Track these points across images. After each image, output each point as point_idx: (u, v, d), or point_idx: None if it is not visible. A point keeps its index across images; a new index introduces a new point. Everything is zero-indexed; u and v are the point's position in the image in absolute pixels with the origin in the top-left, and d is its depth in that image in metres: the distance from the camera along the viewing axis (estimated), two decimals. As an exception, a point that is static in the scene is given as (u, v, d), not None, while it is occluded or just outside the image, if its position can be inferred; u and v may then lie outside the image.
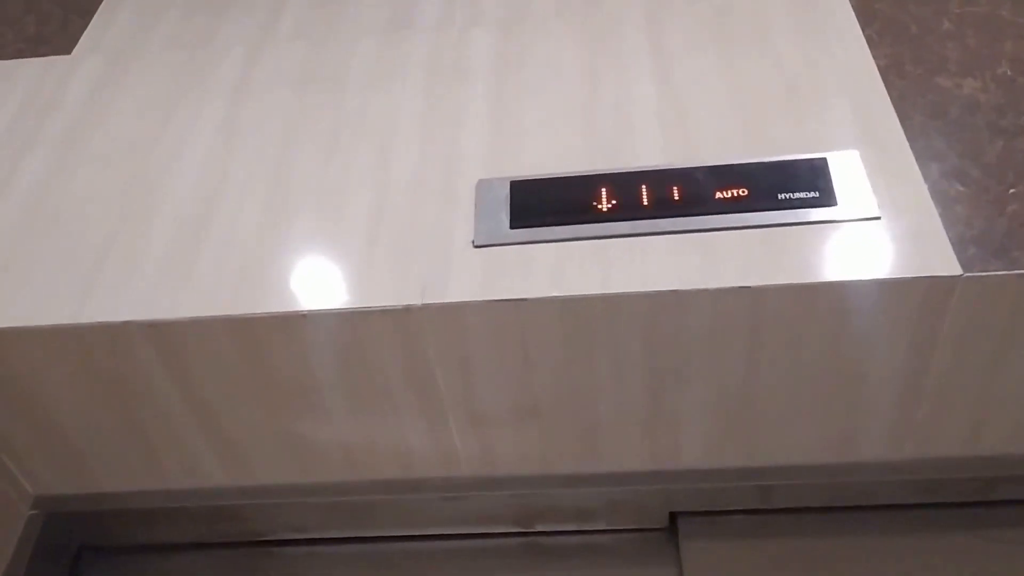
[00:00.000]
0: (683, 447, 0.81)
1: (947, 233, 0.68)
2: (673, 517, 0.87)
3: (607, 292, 0.68)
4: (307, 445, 0.82)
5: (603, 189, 0.75)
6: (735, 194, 0.73)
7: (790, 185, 0.73)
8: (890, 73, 0.81)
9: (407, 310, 0.70)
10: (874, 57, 0.83)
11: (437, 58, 0.89)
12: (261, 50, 0.93)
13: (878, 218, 0.70)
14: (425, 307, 0.70)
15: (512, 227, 0.74)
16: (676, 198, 0.73)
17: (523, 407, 0.78)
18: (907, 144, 0.75)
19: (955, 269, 0.66)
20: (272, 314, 0.71)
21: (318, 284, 0.72)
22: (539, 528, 0.89)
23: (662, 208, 0.73)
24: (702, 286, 0.67)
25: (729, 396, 0.76)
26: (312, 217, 0.77)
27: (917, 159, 0.73)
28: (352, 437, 0.81)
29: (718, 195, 0.73)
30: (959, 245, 0.67)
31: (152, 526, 0.91)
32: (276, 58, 0.92)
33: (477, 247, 0.73)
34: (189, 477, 0.85)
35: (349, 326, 0.71)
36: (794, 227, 0.70)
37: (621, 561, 0.87)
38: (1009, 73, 0.80)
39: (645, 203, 0.73)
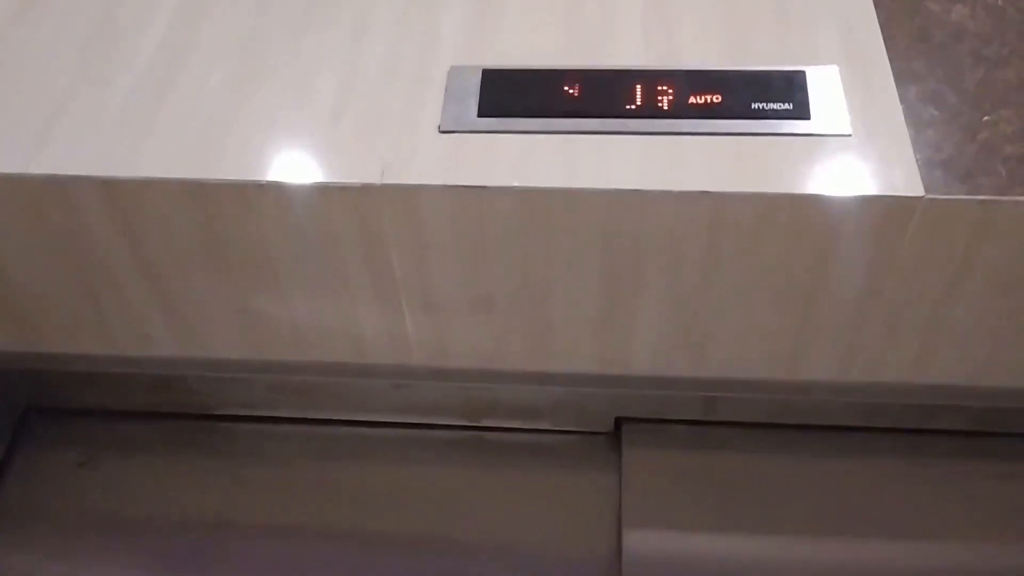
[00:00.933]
0: (633, 353, 0.81)
1: (915, 155, 0.67)
2: (619, 423, 0.88)
3: (569, 186, 0.68)
4: (259, 321, 0.82)
5: (576, 84, 0.73)
6: (708, 100, 0.72)
7: (765, 95, 0.71)
8: (881, -8, 0.80)
9: (365, 189, 0.69)
10: (867, -24, 0.81)
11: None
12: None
13: (849, 135, 0.69)
14: (384, 187, 0.69)
15: (480, 115, 0.72)
16: (648, 100, 0.72)
17: (478, 298, 0.77)
18: (888, 64, 0.73)
19: (918, 190, 0.65)
20: (229, 181, 0.69)
21: (279, 156, 0.70)
22: (486, 423, 0.90)
23: (633, 109, 0.72)
24: (665, 188, 0.67)
25: (682, 304, 0.76)
26: (279, 89, 0.75)
27: (896, 80, 0.72)
28: (305, 316, 0.81)
29: (691, 100, 0.72)
30: (926, 168, 0.67)
31: (99, 391, 0.91)
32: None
33: (442, 132, 0.72)
34: (139, 343, 0.85)
35: (306, 201, 0.70)
36: (764, 137, 0.69)
37: (564, 462, 0.89)
38: (1000, 3, 0.78)
39: (617, 102, 0.72)
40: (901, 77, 0.73)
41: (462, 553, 0.84)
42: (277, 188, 0.69)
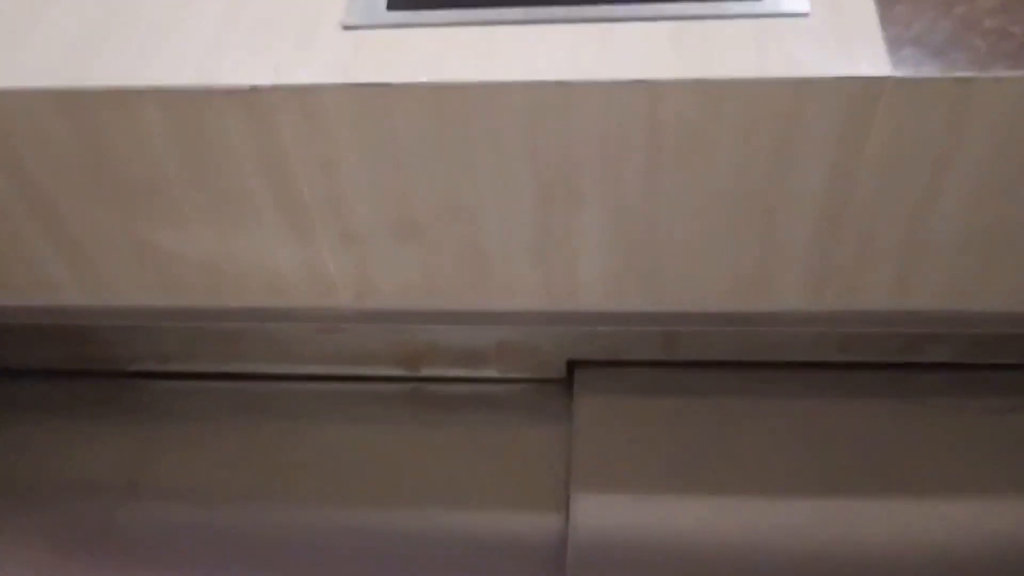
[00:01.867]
0: (580, 284, 0.73)
1: (882, 33, 0.59)
2: (571, 368, 0.79)
3: (484, 80, 0.59)
4: (166, 260, 0.73)
5: (497, -27, 0.65)
6: (646, -17, 0.64)
7: (710, -25, 0.63)
8: None
9: (255, 91, 0.61)
10: None
11: None
12: None
13: (806, 15, 0.61)
14: (277, 88, 0.61)
15: (390, 8, 0.64)
16: (579, -16, 0.64)
17: (400, 223, 0.69)
18: (851, -59, 0.65)
19: (884, 70, 0.57)
20: (104, 87, 0.61)
21: (160, 61, 0.62)
22: (425, 373, 0.82)
23: (561, -5, 0.64)
24: (595, 78, 0.59)
25: (628, 222, 0.67)
26: (165, -8, 0.68)
27: (860, -43, 0.64)
28: (214, 252, 0.72)
29: (627, -16, 0.64)
30: (893, 45, 0.58)
31: (1, 347, 0.83)
32: None
33: (346, 29, 0.64)
34: (40, 291, 0.77)
35: (193, 109, 0.62)
36: (708, 20, 0.61)
37: (512, 413, 0.80)
38: None
39: (543, -12, 0.64)
40: (866, -46, 0.64)
41: (401, 517, 0.76)
42: (158, 94, 0.61)
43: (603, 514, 0.72)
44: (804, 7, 0.61)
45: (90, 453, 0.80)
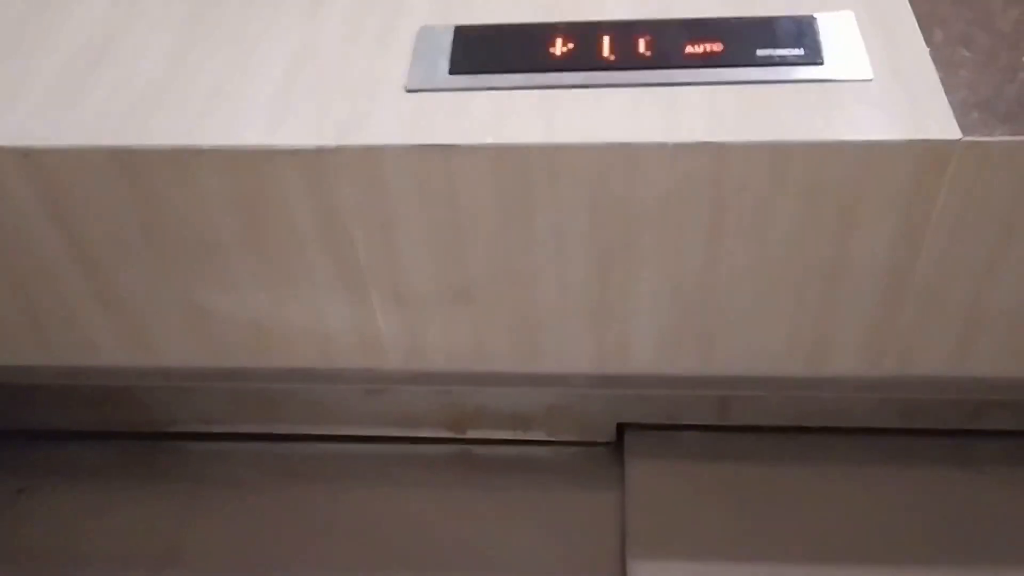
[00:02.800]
0: (633, 347, 0.71)
1: (948, 97, 0.59)
2: (621, 431, 0.78)
3: (548, 142, 0.59)
4: (212, 320, 0.73)
5: (558, 37, 0.65)
6: (708, 49, 0.63)
7: (771, 41, 0.63)
8: (897, -60, 0.72)
9: (319, 152, 0.60)
10: (878, -76, 0.73)
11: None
12: None
13: (870, 80, 0.60)
14: (339, 150, 0.60)
15: (452, 72, 0.65)
16: (639, 50, 0.64)
17: (454, 286, 0.68)
18: (909, 8, 0.65)
19: (953, 133, 0.57)
20: (162, 147, 0.61)
21: (221, 122, 0.62)
22: (472, 435, 0.80)
23: (622, 60, 0.63)
24: (658, 140, 0.58)
25: (686, 286, 0.66)
26: (226, 56, 0.67)
27: (920, 23, 0.64)
28: (263, 312, 0.72)
29: (688, 49, 0.63)
30: (961, 109, 0.58)
31: (36, 408, 0.82)
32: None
33: (409, 91, 0.64)
34: (80, 351, 0.76)
35: (253, 169, 0.62)
36: (772, 85, 0.61)
37: (560, 478, 0.78)
38: (1032, -55, 0.71)
39: (603, 54, 0.64)
40: (925, 20, 0.64)
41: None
42: (218, 155, 0.61)
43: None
44: (868, 73, 0.61)
45: (126, 519, 0.78)
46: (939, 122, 0.57)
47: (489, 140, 0.59)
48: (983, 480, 0.72)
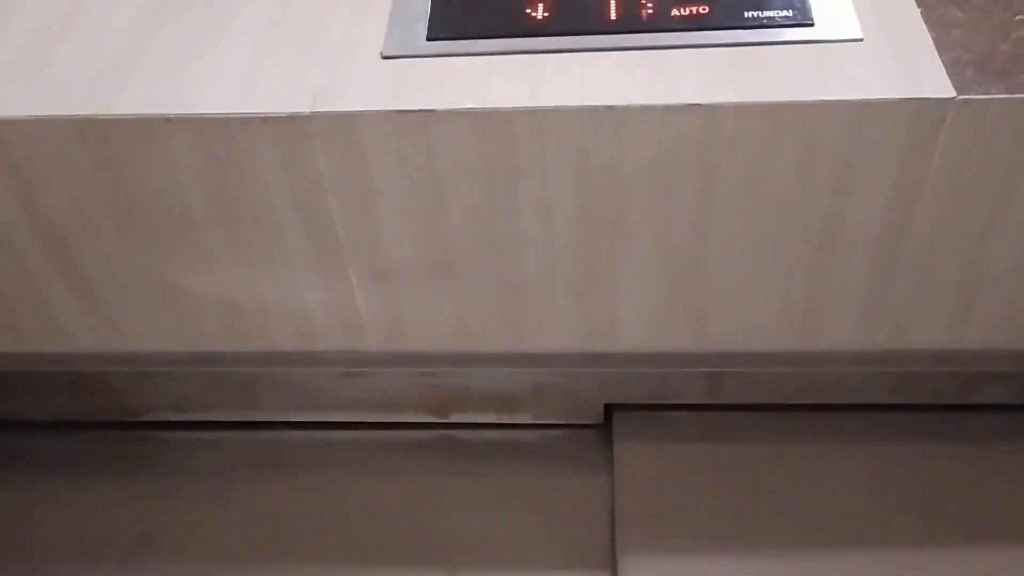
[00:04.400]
0: (622, 323, 0.69)
1: (941, 56, 0.57)
2: (609, 412, 0.76)
3: (531, 106, 0.57)
4: (185, 302, 0.70)
5: (539, 1, 0.63)
6: (694, 11, 0.61)
7: (759, 3, 0.61)
8: (885, -96, 0.71)
9: (292, 119, 0.58)
10: None
11: None
12: None
13: (861, 39, 0.59)
14: (314, 116, 0.58)
15: (430, 38, 0.62)
16: (624, 13, 0.62)
17: (436, 260, 0.66)
18: (900, -31, 0.64)
19: (948, 91, 0.55)
20: (130, 116, 0.59)
21: (190, 90, 0.60)
22: (456, 419, 0.78)
23: (606, 23, 0.61)
24: (645, 102, 0.57)
25: (677, 256, 0.64)
26: (197, 20, 0.65)
27: (910, -16, 0.63)
28: (239, 293, 0.69)
29: (674, 12, 0.62)
30: (954, 68, 0.56)
31: (5, 397, 0.79)
32: None
33: (386, 58, 0.62)
34: (51, 336, 0.73)
35: (225, 139, 0.59)
36: (761, 47, 0.59)
37: (548, 461, 0.76)
38: (1023, -93, 0.69)
39: (588, 18, 0.62)
40: (916, -19, 0.63)
41: (432, 574, 0.72)
42: (188, 123, 0.59)
43: (653, 571, 0.68)
44: (858, 33, 0.59)
45: (99, 509, 0.76)
46: (933, 81, 0.55)
47: (469, 105, 0.57)
48: (979, 454, 0.71)
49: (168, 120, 0.59)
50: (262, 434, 0.79)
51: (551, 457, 0.77)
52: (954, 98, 0.54)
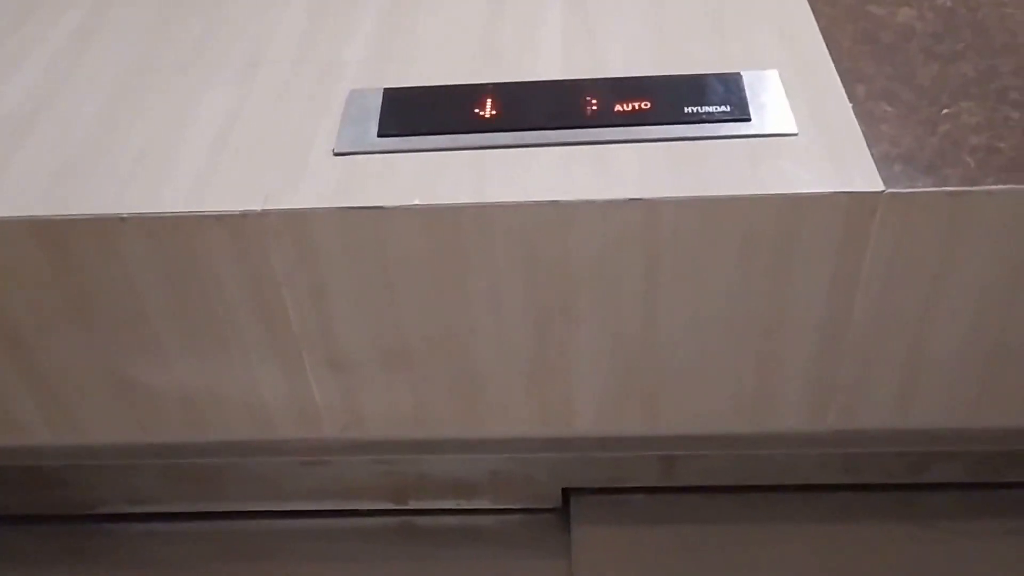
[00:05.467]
0: (576, 408, 0.70)
1: (871, 151, 0.59)
2: (567, 496, 0.76)
3: (478, 202, 0.59)
4: (143, 395, 0.70)
5: (487, 98, 0.65)
6: (636, 107, 0.64)
7: (699, 99, 0.64)
8: (819, 1, 0.74)
9: (244, 217, 0.59)
10: (805, -13, 0.75)
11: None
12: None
13: (795, 134, 0.61)
14: (267, 214, 0.59)
15: (380, 135, 0.64)
16: (568, 110, 0.64)
17: (391, 350, 0.67)
18: (832, 66, 0.66)
19: (877, 185, 0.57)
20: (84, 216, 0.60)
21: (146, 188, 0.61)
22: (414, 505, 0.78)
23: (552, 119, 0.64)
24: (588, 197, 0.58)
25: (626, 343, 0.66)
26: (156, 120, 0.66)
27: (842, 80, 0.65)
28: (194, 384, 0.69)
29: (617, 107, 0.64)
30: (883, 162, 0.58)
31: (-40, 490, 0.78)
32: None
33: (337, 155, 0.63)
34: (6, 431, 0.72)
35: (179, 237, 0.60)
36: (700, 141, 0.61)
37: (506, 546, 0.76)
38: (949, 4, 0.72)
39: (533, 115, 0.64)
40: (847, 77, 0.65)
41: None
42: (142, 222, 0.60)
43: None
44: (793, 128, 0.61)
45: (54, 604, 0.75)
46: (863, 174, 0.58)
47: (417, 201, 0.59)
48: (931, 534, 0.71)
49: (122, 219, 0.60)
50: (221, 524, 0.78)
51: (510, 542, 0.76)
52: (883, 192, 0.57)
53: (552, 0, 0.75)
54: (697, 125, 0.62)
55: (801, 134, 0.61)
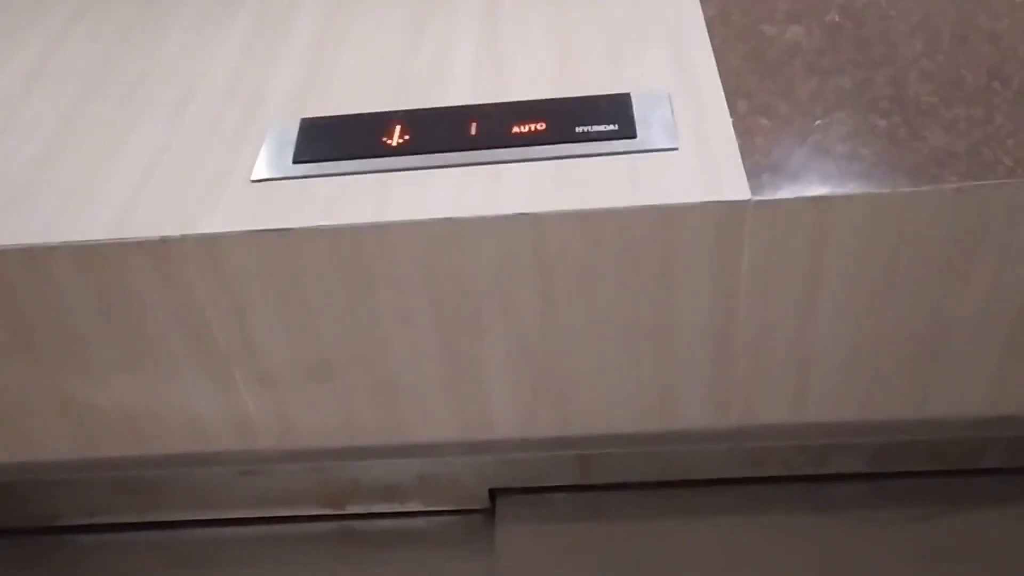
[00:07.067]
0: (493, 413, 0.74)
1: (744, 162, 0.64)
2: (494, 496, 0.80)
3: (377, 221, 0.63)
4: (85, 412, 0.74)
5: (396, 125, 0.70)
6: (532, 128, 0.68)
7: (589, 118, 0.68)
8: (716, 23, 0.78)
9: (164, 242, 0.64)
10: (704, 9, 0.79)
11: (266, 7, 0.86)
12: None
13: (676, 149, 0.65)
14: (184, 239, 0.64)
15: (295, 161, 0.69)
16: (470, 133, 0.69)
17: (313, 363, 0.71)
18: (719, 84, 0.70)
19: (744, 194, 0.61)
20: (13, 246, 0.64)
21: (76, 219, 0.66)
22: (350, 510, 0.82)
23: (454, 143, 0.68)
24: (480, 214, 0.63)
25: (531, 350, 0.70)
26: (90, 155, 0.71)
27: (727, 97, 0.69)
28: (134, 402, 0.74)
29: (515, 129, 0.68)
30: (752, 172, 0.63)
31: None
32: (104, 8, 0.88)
33: (253, 182, 0.68)
34: (-40, 450, 0.78)
35: (105, 263, 0.65)
36: (588, 159, 0.66)
37: (437, 547, 0.80)
38: (837, 19, 0.77)
39: (437, 139, 0.68)
40: (732, 94, 0.69)
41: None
42: (69, 250, 0.65)
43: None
44: (674, 144, 0.66)
45: (14, 616, 0.79)
46: (732, 184, 0.62)
47: (322, 222, 0.63)
48: (833, 523, 0.75)
49: (51, 248, 0.65)
50: (170, 533, 0.82)
51: (441, 543, 0.80)
52: (749, 200, 0.61)
53: (467, 32, 0.80)
54: (587, 143, 0.67)
55: (682, 149, 0.65)
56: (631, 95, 0.69)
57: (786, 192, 0.61)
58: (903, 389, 0.72)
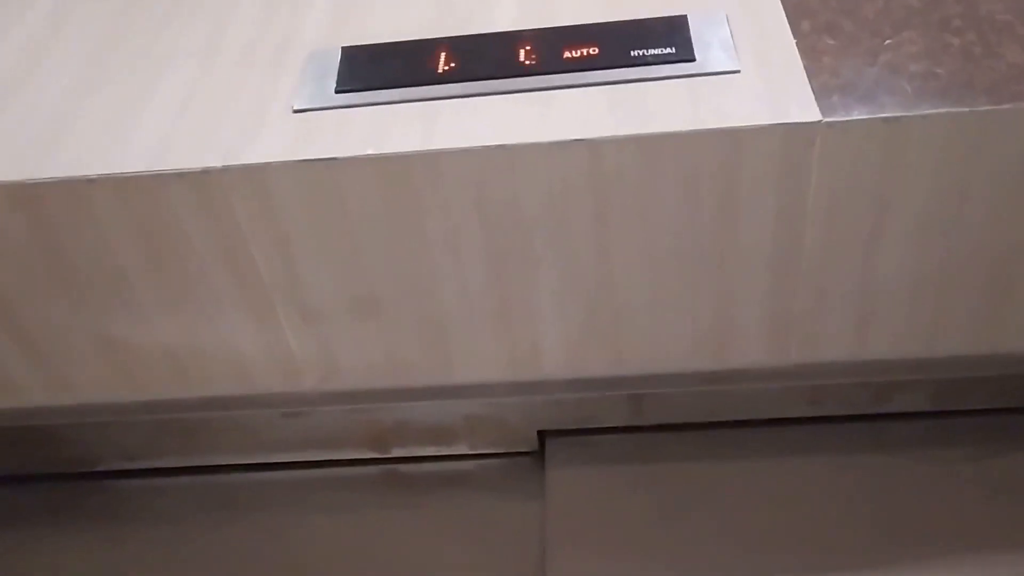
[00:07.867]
0: (543, 352, 0.72)
1: (811, 83, 0.60)
2: (543, 439, 0.78)
3: (426, 149, 0.61)
4: (127, 354, 0.73)
5: (441, 52, 0.67)
6: (584, 52, 0.65)
7: (644, 42, 0.65)
8: (771, -57, 0.75)
9: (206, 173, 0.62)
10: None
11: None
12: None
13: (737, 71, 0.62)
14: (226, 169, 0.62)
15: (337, 91, 0.66)
16: (519, 59, 0.66)
17: (358, 300, 0.69)
18: (779, 3, 0.67)
19: (814, 115, 0.58)
20: (54, 179, 0.62)
21: (115, 151, 0.64)
22: (396, 453, 0.80)
23: (503, 69, 0.65)
24: (534, 140, 0.60)
25: (584, 283, 0.67)
26: (125, 87, 0.69)
27: (788, 17, 0.66)
28: (175, 341, 0.72)
29: (566, 54, 0.65)
30: (821, 93, 0.59)
31: (-40, 452, 0.82)
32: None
33: (296, 112, 0.65)
34: (1, 393, 0.77)
35: (146, 195, 0.63)
36: (644, 83, 0.63)
37: (485, 490, 0.78)
38: (899, -61, 0.73)
39: (484, 66, 0.66)
40: (794, 13, 0.66)
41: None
42: (109, 182, 0.63)
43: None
44: (735, 65, 0.63)
45: (56, 562, 0.78)
46: (801, 106, 0.59)
47: (369, 151, 0.61)
48: (894, 462, 0.73)
49: (90, 180, 0.63)
50: (211, 478, 0.81)
51: (488, 486, 0.79)
52: (819, 121, 0.58)
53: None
54: (642, 67, 0.64)
55: (743, 71, 0.62)
56: (688, 16, 0.67)
57: (859, 113, 0.58)
58: (970, 323, 0.69)
